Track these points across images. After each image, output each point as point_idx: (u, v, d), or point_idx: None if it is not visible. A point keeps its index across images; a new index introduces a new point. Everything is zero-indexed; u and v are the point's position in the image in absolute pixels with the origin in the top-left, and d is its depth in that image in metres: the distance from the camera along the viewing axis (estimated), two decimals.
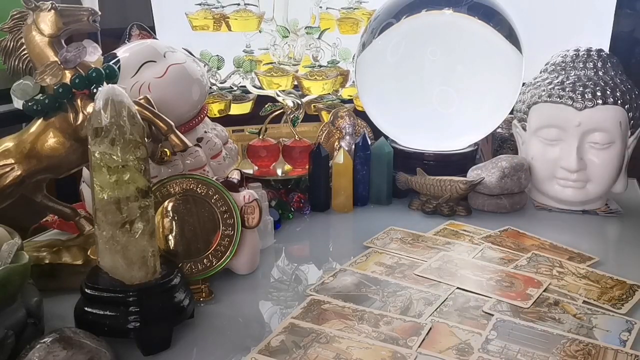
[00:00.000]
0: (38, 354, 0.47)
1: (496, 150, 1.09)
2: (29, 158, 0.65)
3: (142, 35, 0.83)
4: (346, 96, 1.12)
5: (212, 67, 1.02)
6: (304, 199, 0.92)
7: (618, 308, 0.63)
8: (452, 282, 0.68)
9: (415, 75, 0.93)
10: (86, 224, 0.71)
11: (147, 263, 0.56)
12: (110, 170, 0.54)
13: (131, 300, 0.54)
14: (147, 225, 0.56)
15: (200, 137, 0.79)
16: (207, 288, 0.66)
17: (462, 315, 0.61)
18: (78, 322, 0.55)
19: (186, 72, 0.76)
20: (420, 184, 0.93)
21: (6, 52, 0.64)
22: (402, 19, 0.93)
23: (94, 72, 0.63)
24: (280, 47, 1.02)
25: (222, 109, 1.01)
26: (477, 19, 0.91)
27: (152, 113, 0.64)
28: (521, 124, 0.97)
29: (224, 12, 1.01)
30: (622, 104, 0.88)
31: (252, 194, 0.70)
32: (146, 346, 0.55)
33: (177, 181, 0.68)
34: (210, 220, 0.68)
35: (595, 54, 0.93)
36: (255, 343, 0.56)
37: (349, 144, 0.97)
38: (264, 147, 0.96)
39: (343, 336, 0.56)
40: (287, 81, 0.99)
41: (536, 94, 0.93)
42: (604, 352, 0.55)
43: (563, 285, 0.68)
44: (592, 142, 0.88)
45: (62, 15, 0.63)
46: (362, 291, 0.66)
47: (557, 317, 0.61)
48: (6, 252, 0.53)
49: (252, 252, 0.71)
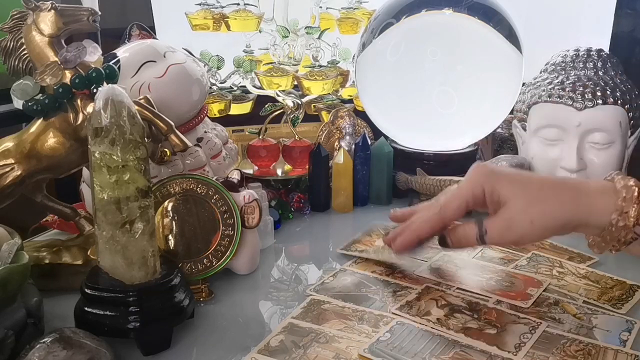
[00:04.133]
0: (38, 354, 0.47)
1: (496, 150, 1.09)
2: (29, 158, 0.65)
3: (142, 35, 0.83)
4: (346, 96, 1.12)
5: (212, 67, 1.02)
6: (304, 199, 0.92)
7: (618, 308, 0.63)
8: (452, 282, 0.68)
9: (415, 75, 0.93)
10: (86, 224, 0.71)
11: (147, 263, 0.56)
12: (110, 170, 0.54)
13: (131, 300, 0.54)
14: (147, 225, 0.56)
15: (200, 137, 0.79)
16: (207, 288, 0.66)
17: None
18: (78, 322, 0.55)
19: (186, 72, 0.76)
20: (420, 184, 0.93)
21: (6, 52, 0.64)
22: (402, 19, 0.93)
23: (94, 72, 0.63)
24: (280, 47, 1.02)
25: (222, 109, 1.01)
26: (477, 19, 0.91)
27: (152, 113, 0.64)
28: (521, 124, 0.97)
29: (224, 12, 1.01)
30: (622, 104, 0.88)
31: (252, 194, 0.70)
32: (146, 346, 0.55)
33: (177, 181, 0.69)
34: (210, 220, 0.68)
35: (595, 54, 0.93)
36: (255, 343, 0.56)
37: (349, 144, 0.97)
38: (264, 147, 0.97)
39: (343, 336, 0.56)
40: (287, 81, 0.99)
41: (536, 94, 0.93)
42: (604, 352, 0.55)
43: (563, 285, 0.68)
44: (592, 142, 0.88)
45: (62, 15, 0.63)
46: (362, 291, 0.66)
47: (557, 317, 0.61)
48: (6, 252, 0.53)
49: (252, 252, 0.71)
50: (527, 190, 0.59)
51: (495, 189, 0.60)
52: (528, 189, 0.59)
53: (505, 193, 0.59)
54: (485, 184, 0.61)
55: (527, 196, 0.59)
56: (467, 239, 0.62)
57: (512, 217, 0.59)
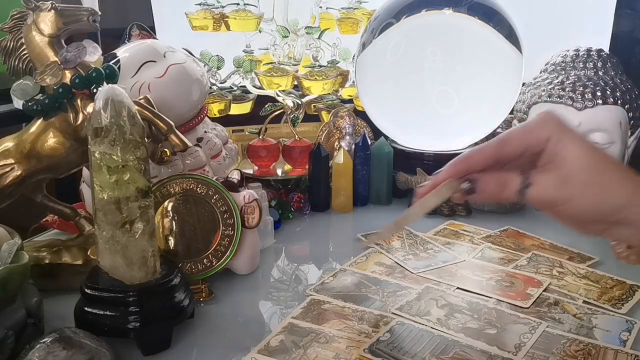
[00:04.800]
0: (38, 354, 0.47)
1: None
2: (29, 158, 0.65)
3: (142, 35, 0.83)
4: (346, 96, 1.12)
5: (212, 67, 1.02)
6: (304, 199, 0.92)
7: (618, 308, 0.63)
8: (452, 282, 0.68)
9: (415, 75, 0.93)
10: (86, 224, 0.71)
11: (147, 263, 0.56)
12: (110, 170, 0.54)
13: (131, 300, 0.54)
14: (147, 225, 0.56)
15: (200, 137, 0.79)
16: (207, 288, 0.66)
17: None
18: (78, 322, 0.55)
19: (186, 72, 0.76)
20: (420, 184, 0.93)
21: (6, 52, 0.64)
22: (402, 19, 0.93)
23: (94, 72, 0.63)
24: (280, 47, 1.02)
25: (222, 109, 1.01)
26: (477, 19, 0.91)
27: (152, 113, 0.64)
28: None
29: (224, 12, 1.01)
30: (622, 104, 0.88)
31: (252, 194, 0.70)
32: (146, 346, 0.55)
33: (177, 181, 0.69)
34: (210, 220, 0.68)
35: (595, 54, 0.93)
36: (255, 343, 0.56)
37: (349, 144, 0.97)
38: (264, 147, 0.97)
39: (343, 336, 0.56)
40: (287, 81, 0.99)
41: (536, 94, 0.93)
42: (604, 352, 0.55)
43: (563, 285, 0.68)
44: (592, 142, 0.88)
45: (62, 15, 0.63)
46: (362, 291, 0.66)
47: (557, 317, 0.61)
48: (6, 252, 0.53)
49: (252, 252, 0.71)
50: (595, 157, 0.53)
51: (563, 141, 0.53)
52: (596, 157, 0.53)
53: (571, 148, 0.53)
54: (554, 132, 0.54)
55: (591, 161, 0.53)
56: (505, 187, 0.54)
57: (568, 174, 0.52)
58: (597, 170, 0.53)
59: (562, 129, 0.54)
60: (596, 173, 0.53)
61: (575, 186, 0.52)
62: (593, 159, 0.53)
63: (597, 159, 0.53)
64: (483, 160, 0.56)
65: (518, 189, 0.53)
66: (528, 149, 0.55)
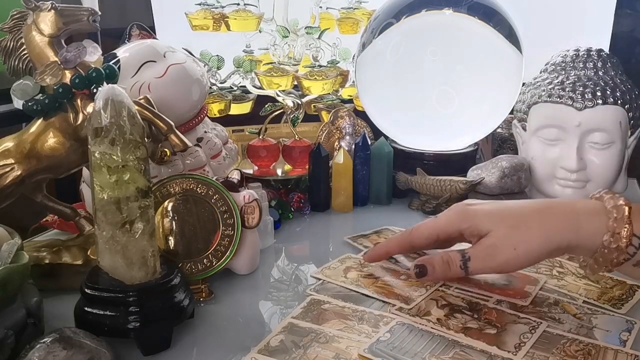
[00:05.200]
0: (38, 354, 0.47)
1: (496, 150, 1.09)
2: (29, 158, 0.65)
3: (142, 35, 0.83)
4: (346, 96, 1.12)
5: (212, 67, 1.02)
6: (304, 199, 0.92)
7: (618, 308, 0.63)
8: (452, 281, 0.68)
9: (415, 75, 0.93)
10: (86, 224, 0.71)
11: (147, 263, 0.56)
12: (110, 170, 0.54)
13: (131, 300, 0.54)
14: (147, 225, 0.56)
15: (200, 137, 0.79)
16: (207, 288, 0.66)
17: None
18: (78, 322, 0.55)
19: (186, 72, 0.76)
20: (420, 184, 0.93)
21: (6, 52, 0.64)
22: (402, 19, 0.93)
23: (94, 72, 0.63)
24: (280, 47, 1.02)
25: (222, 109, 1.01)
26: (477, 19, 0.91)
27: (152, 113, 0.64)
28: (521, 124, 0.97)
29: (224, 12, 1.01)
30: (622, 104, 0.88)
31: (252, 194, 0.70)
32: (146, 346, 0.55)
33: (177, 181, 0.69)
34: (210, 220, 0.68)
35: (595, 54, 0.93)
36: (255, 343, 0.56)
37: (349, 144, 0.97)
38: (264, 147, 0.97)
39: (343, 336, 0.56)
40: (287, 81, 0.99)
41: (536, 94, 0.93)
42: (604, 352, 0.55)
43: (563, 285, 0.68)
44: (592, 142, 0.88)
45: (62, 15, 0.63)
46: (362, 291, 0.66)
47: (557, 317, 0.61)
48: (6, 252, 0.53)
49: (252, 252, 0.71)
50: (507, 220, 0.59)
51: (474, 225, 0.60)
52: (508, 218, 0.59)
53: (485, 226, 0.60)
54: (461, 224, 0.61)
55: (507, 224, 0.59)
56: (450, 265, 0.61)
57: (495, 244, 0.59)
58: (518, 229, 0.59)
59: (468, 217, 0.61)
60: (517, 233, 0.59)
61: (504, 252, 0.59)
62: (509, 222, 0.59)
63: (512, 220, 0.59)
64: (397, 247, 0.68)
65: (461, 265, 0.61)
66: (439, 239, 0.64)
